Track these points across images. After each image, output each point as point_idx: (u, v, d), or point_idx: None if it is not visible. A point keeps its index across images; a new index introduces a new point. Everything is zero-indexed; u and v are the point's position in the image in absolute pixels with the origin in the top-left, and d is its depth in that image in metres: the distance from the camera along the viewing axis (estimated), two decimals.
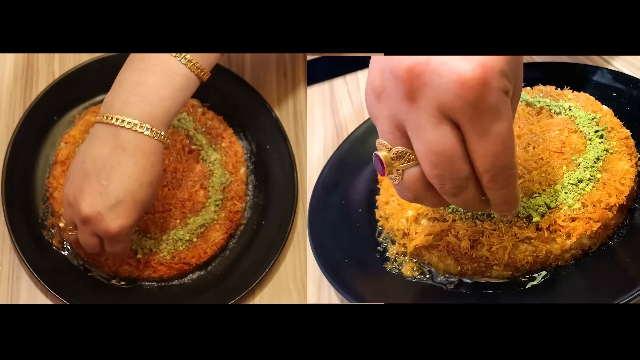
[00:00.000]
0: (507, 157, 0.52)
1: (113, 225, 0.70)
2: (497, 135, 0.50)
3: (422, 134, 0.51)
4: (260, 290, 0.81)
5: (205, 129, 0.87)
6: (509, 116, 0.51)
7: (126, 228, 0.71)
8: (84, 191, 0.70)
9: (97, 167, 0.70)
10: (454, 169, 0.52)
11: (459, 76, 0.49)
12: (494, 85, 0.49)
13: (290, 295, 0.81)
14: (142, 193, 0.71)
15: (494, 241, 0.67)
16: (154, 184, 0.72)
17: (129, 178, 0.70)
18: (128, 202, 0.70)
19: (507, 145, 0.51)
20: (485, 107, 0.49)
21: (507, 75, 0.50)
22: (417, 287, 0.71)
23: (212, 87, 0.89)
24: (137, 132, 0.70)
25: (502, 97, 0.50)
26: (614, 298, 0.60)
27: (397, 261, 0.74)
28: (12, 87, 0.91)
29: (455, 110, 0.50)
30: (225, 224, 0.82)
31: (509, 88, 0.51)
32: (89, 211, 0.70)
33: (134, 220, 0.72)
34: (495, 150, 0.51)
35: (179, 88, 0.73)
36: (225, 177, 0.84)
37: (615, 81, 0.78)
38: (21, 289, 0.80)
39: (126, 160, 0.70)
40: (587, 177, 0.68)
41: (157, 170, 0.72)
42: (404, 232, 0.72)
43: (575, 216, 0.66)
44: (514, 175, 0.54)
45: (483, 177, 0.53)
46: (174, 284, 0.81)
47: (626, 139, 0.72)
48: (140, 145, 0.71)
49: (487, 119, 0.50)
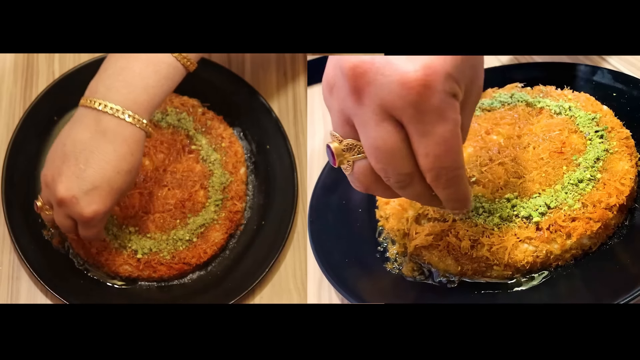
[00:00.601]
0: (449, 158, 0.52)
1: (87, 210, 0.70)
2: (438, 136, 0.51)
3: (366, 130, 0.52)
4: (260, 290, 0.81)
5: (205, 129, 0.87)
6: (453, 119, 0.51)
7: (100, 213, 0.71)
8: (62, 173, 0.70)
9: (77, 150, 0.70)
10: (397, 165, 0.53)
11: (401, 76, 0.49)
12: (437, 87, 0.49)
13: (290, 295, 0.81)
14: (119, 180, 0.71)
15: (494, 241, 0.67)
16: (132, 172, 0.72)
17: (107, 164, 0.70)
18: (104, 188, 0.70)
19: (450, 147, 0.52)
20: (427, 108, 0.50)
21: (454, 78, 0.50)
22: (417, 287, 0.71)
23: (212, 87, 0.89)
24: (119, 118, 0.70)
25: (447, 100, 0.50)
26: (614, 298, 0.60)
27: (398, 261, 0.74)
28: (12, 87, 0.91)
29: (397, 109, 0.50)
30: (225, 224, 0.82)
31: (456, 91, 0.51)
32: (64, 194, 0.70)
33: (108, 207, 0.72)
34: (437, 151, 0.52)
35: (164, 76, 0.73)
36: (225, 177, 0.84)
37: (616, 81, 0.78)
38: (21, 289, 0.80)
39: (106, 146, 0.70)
40: (587, 177, 0.68)
41: (137, 159, 0.72)
42: (404, 232, 0.72)
43: (575, 216, 0.66)
44: (459, 176, 0.55)
45: (426, 175, 0.54)
46: (174, 284, 0.81)
47: (626, 139, 0.72)
48: (122, 132, 0.71)
49: (429, 120, 0.50)
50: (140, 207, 0.81)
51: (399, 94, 0.50)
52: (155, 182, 0.82)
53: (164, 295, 0.79)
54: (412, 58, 0.49)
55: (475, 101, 0.55)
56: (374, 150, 0.53)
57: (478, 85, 0.55)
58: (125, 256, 0.79)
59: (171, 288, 0.80)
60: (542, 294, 0.66)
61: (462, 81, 0.51)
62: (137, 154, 0.72)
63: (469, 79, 0.53)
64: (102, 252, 0.79)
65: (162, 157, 0.84)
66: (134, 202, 0.81)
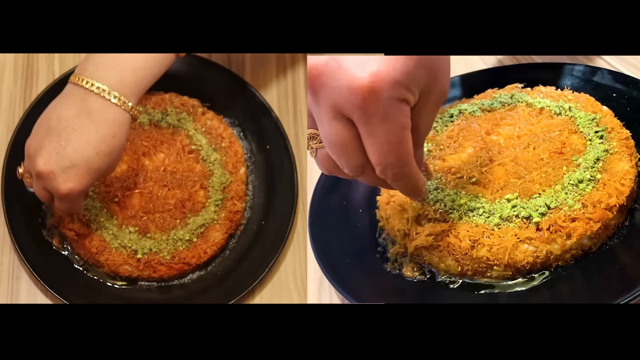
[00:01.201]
0: (394, 157, 0.57)
1: (63, 187, 0.71)
2: (382, 137, 0.55)
3: (321, 125, 0.57)
4: (260, 290, 0.81)
5: (205, 129, 0.87)
6: (399, 122, 0.55)
7: (75, 191, 0.71)
8: (43, 147, 0.71)
9: (60, 126, 0.71)
10: (348, 158, 0.58)
11: (350, 81, 0.53)
12: (382, 94, 0.53)
13: (290, 295, 0.81)
14: (98, 161, 0.71)
15: (494, 241, 0.67)
16: (112, 155, 0.72)
17: (87, 144, 0.70)
18: (81, 168, 0.71)
19: (393, 147, 0.56)
20: (373, 112, 0.54)
21: (403, 85, 0.54)
22: (417, 287, 0.71)
23: (212, 87, 0.89)
24: (104, 98, 0.71)
25: (393, 105, 0.54)
26: (614, 298, 0.60)
27: (398, 261, 0.74)
28: (12, 87, 0.91)
29: (347, 110, 0.55)
30: (225, 224, 0.82)
31: (405, 96, 0.55)
32: (42, 168, 0.71)
33: (84, 186, 0.72)
34: (381, 149, 0.56)
35: (152, 59, 0.73)
36: (225, 177, 0.84)
37: (615, 82, 0.78)
38: (21, 289, 0.80)
39: (88, 125, 0.70)
40: (587, 178, 0.68)
41: (119, 142, 0.72)
42: (404, 233, 0.72)
43: (575, 216, 0.66)
44: (406, 172, 0.59)
45: (375, 168, 0.58)
46: (174, 284, 0.81)
47: (626, 140, 0.72)
48: (106, 112, 0.71)
49: (374, 122, 0.55)
50: (140, 207, 0.81)
51: (347, 98, 0.54)
52: (155, 182, 0.82)
53: (164, 296, 0.79)
54: (364, 64, 0.53)
55: (436, 101, 0.58)
56: (328, 143, 0.58)
57: (440, 86, 0.58)
58: (125, 256, 0.79)
59: (171, 288, 0.80)
60: (542, 294, 0.66)
61: (414, 86, 0.55)
62: (119, 136, 0.72)
63: (424, 82, 0.56)
64: (102, 252, 0.79)
65: (162, 157, 0.84)
66: (134, 202, 0.81)
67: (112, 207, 0.81)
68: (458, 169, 0.74)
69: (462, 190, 0.72)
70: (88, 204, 0.80)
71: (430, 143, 0.79)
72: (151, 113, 0.86)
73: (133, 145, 0.84)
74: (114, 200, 0.81)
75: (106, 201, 0.81)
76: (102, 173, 0.73)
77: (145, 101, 0.87)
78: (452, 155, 0.76)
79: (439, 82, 0.57)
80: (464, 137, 0.78)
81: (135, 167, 0.82)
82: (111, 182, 0.81)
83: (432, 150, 0.78)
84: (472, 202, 0.70)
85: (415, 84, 0.55)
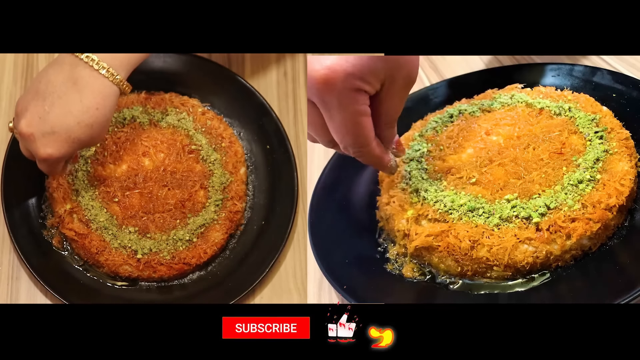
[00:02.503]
0: (349, 138, 0.64)
1: (41, 151, 0.72)
2: (338, 122, 0.63)
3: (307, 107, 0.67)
4: (260, 290, 0.81)
5: (205, 129, 0.87)
6: (355, 109, 0.62)
7: (53, 157, 0.72)
8: (28, 109, 0.72)
9: (47, 91, 0.71)
10: (319, 134, 0.67)
11: (310, 74, 0.61)
12: (336, 84, 0.60)
13: (290, 295, 0.81)
14: (78, 131, 0.71)
15: (494, 242, 0.67)
16: (94, 127, 0.72)
17: (69, 113, 0.71)
18: (61, 135, 0.71)
19: (351, 131, 0.64)
20: (328, 100, 0.62)
21: (357, 76, 0.60)
22: (417, 287, 0.71)
23: (212, 87, 0.89)
24: (92, 68, 0.71)
25: (348, 94, 0.61)
26: (614, 298, 0.60)
27: (398, 262, 0.74)
28: (12, 87, 0.91)
29: (311, 97, 0.63)
30: (225, 224, 0.82)
31: (360, 86, 0.61)
32: (25, 129, 0.71)
33: (62, 154, 0.72)
34: (339, 133, 0.64)
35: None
36: (225, 177, 0.84)
37: (615, 82, 0.78)
38: (21, 289, 0.80)
39: (73, 94, 0.71)
40: (587, 178, 0.68)
41: (102, 114, 0.72)
42: (404, 233, 0.72)
43: (575, 217, 0.66)
44: (365, 152, 0.66)
45: (339, 144, 0.66)
46: (174, 284, 0.81)
47: (626, 140, 0.72)
48: (92, 83, 0.71)
49: (330, 108, 0.62)
50: (140, 207, 0.81)
51: (309, 88, 0.62)
52: (155, 182, 0.82)
53: (164, 296, 0.79)
54: (323, 59, 0.60)
55: (402, 87, 0.64)
56: (307, 122, 0.68)
57: (404, 73, 0.63)
58: (125, 256, 0.79)
59: (171, 288, 0.80)
60: (542, 294, 0.66)
61: (371, 77, 0.61)
62: (103, 109, 0.72)
63: (385, 72, 0.62)
64: (102, 252, 0.79)
65: (162, 157, 0.84)
66: (134, 202, 0.81)
67: (112, 207, 0.81)
68: (458, 169, 0.74)
69: (462, 191, 0.72)
70: (88, 204, 0.80)
71: (430, 143, 0.79)
72: (151, 113, 0.86)
73: (133, 145, 0.84)
74: (114, 200, 0.81)
75: (106, 201, 0.81)
76: (83, 143, 0.73)
77: (145, 101, 0.87)
78: (452, 155, 0.76)
79: (403, 70, 0.63)
80: (463, 137, 0.78)
81: (135, 167, 0.82)
82: (111, 182, 0.81)
83: (432, 150, 0.78)
84: (472, 203, 0.70)
85: (371, 75, 0.61)
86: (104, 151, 0.83)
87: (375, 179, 0.82)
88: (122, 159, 0.83)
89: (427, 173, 0.76)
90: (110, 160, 0.83)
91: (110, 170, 0.82)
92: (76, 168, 0.82)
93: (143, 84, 0.86)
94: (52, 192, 0.81)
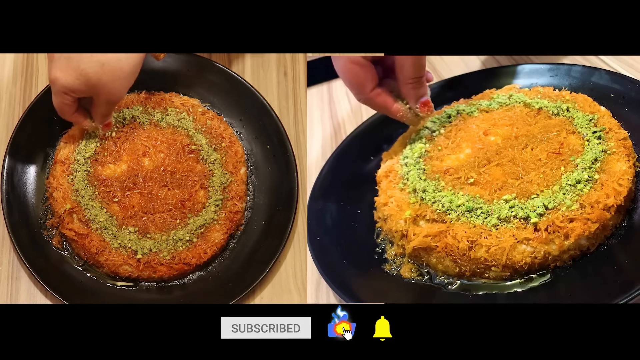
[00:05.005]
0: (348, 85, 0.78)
1: (52, 72, 0.75)
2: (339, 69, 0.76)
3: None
4: (261, 291, 0.81)
5: (205, 129, 0.87)
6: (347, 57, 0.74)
7: (59, 82, 0.75)
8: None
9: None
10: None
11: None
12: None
13: (290, 295, 0.81)
14: (88, 64, 0.73)
15: (492, 242, 0.67)
16: (105, 67, 0.74)
17: (90, 53, 0.74)
18: (72, 62, 0.73)
19: (346, 78, 0.76)
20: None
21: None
22: (415, 288, 0.71)
23: (212, 87, 0.90)
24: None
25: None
26: (613, 298, 0.60)
27: (396, 262, 0.74)
28: (12, 87, 0.91)
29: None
30: (225, 224, 0.82)
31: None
32: (52, 54, 0.76)
33: (69, 82, 0.74)
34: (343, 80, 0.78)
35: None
36: (225, 177, 0.85)
37: (613, 82, 0.78)
38: (21, 289, 0.80)
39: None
40: (585, 178, 0.68)
41: (117, 59, 0.74)
42: (402, 234, 0.73)
43: (573, 217, 0.66)
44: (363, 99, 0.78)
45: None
46: (174, 284, 0.81)
47: (624, 140, 0.72)
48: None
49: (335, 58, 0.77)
50: (140, 207, 0.81)
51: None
52: (155, 182, 0.82)
53: (164, 296, 0.79)
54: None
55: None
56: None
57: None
58: (125, 256, 0.79)
59: (171, 288, 0.80)
60: (541, 294, 0.66)
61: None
62: (121, 58, 0.74)
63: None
64: (102, 252, 0.79)
65: (162, 157, 0.84)
66: (134, 202, 0.81)
67: (112, 207, 0.81)
68: (456, 169, 0.74)
69: (460, 191, 0.72)
70: (88, 204, 0.80)
71: (428, 143, 0.80)
72: (151, 113, 0.87)
73: (133, 145, 0.84)
74: (113, 200, 0.81)
75: (106, 201, 0.81)
76: (90, 82, 0.74)
77: (146, 101, 0.87)
78: (450, 155, 0.77)
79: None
80: (461, 137, 0.78)
81: (135, 167, 0.83)
82: (111, 182, 0.82)
83: (430, 150, 0.79)
84: (470, 203, 0.70)
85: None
86: (104, 151, 0.83)
87: (373, 180, 0.82)
88: (122, 159, 0.83)
89: (425, 173, 0.76)
90: (110, 160, 0.83)
91: (110, 170, 0.82)
92: (76, 168, 0.82)
93: (143, 84, 0.86)
94: (52, 192, 0.81)
